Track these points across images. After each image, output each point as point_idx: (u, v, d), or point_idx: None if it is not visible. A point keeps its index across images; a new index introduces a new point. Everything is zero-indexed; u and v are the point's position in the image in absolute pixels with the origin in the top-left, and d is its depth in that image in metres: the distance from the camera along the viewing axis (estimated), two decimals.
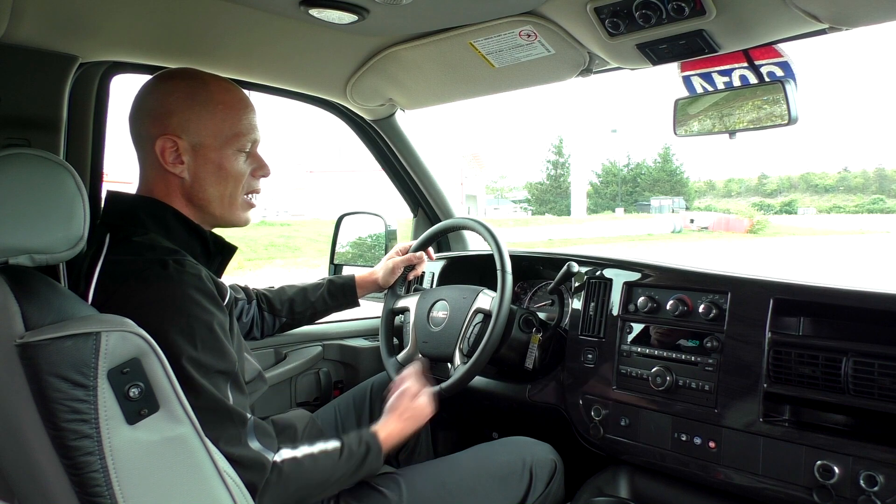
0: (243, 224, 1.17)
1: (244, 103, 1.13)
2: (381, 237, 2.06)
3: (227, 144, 1.09)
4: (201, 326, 0.94)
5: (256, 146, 1.15)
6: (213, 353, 0.95)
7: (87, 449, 0.73)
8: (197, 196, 1.09)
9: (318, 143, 31.19)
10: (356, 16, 1.15)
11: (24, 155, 0.80)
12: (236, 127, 1.09)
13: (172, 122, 1.06)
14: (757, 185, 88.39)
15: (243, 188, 1.13)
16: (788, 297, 1.22)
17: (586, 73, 1.42)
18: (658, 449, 1.33)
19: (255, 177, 1.15)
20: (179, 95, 1.08)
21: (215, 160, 1.08)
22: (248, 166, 1.13)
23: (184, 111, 1.07)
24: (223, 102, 1.09)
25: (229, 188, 1.11)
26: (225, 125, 1.08)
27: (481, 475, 1.26)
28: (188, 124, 1.06)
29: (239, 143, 1.10)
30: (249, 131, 1.11)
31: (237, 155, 1.10)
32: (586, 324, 1.50)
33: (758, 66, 1.28)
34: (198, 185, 1.09)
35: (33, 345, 0.71)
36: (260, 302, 1.57)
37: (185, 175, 1.08)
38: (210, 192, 1.09)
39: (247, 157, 1.12)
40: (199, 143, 1.07)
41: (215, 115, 1.08)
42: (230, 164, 1.09)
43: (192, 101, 1.07)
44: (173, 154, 1.06)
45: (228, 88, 1.12)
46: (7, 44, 1.20)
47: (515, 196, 69.15)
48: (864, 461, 1.06)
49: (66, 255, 0.82)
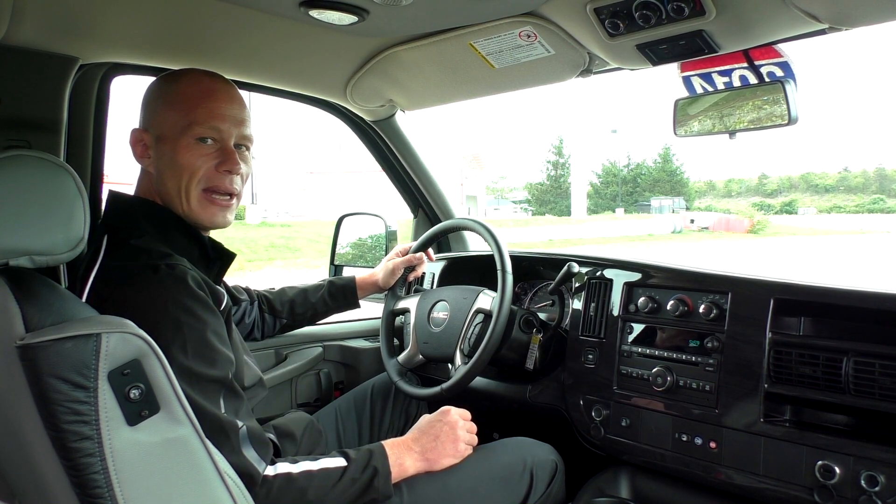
0: (210, 224, 1.10)
1: (209, 92, 1.08)
2: (381, 238, 2.06)
3: (182, 133, 1.05)
4: (192, 333, 0.93)
5: (228, 138, 1.08)
6: (204, 361, 0.94)
7: (87, 450, 0.72)
8: (160, 191, 1.08)
9: (319, 144, 31.20)
10: (356, 17, 1.15)
11: (25, 156, 0.80)
12: (192, 115, 1.05)
13: (144, 116, 1.09)
14: (757, 186, 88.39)
15: (200, 182, 1.07)
16: (789, 297, 1.22)
17: (586, 74, 1.42)
18: (659, 449, 1.33)
19: (219, 171, 1.08)
20: (153, 90, 1.10)
21: (170, 151, 1.06)
22: (211, 160, 1.07)
23: (152, 104, 1.09)
24: (186, 93, 1.07)
25: (184, 181, 1.06)
26: (181, 114, 1.06)
27: (482, 476, 1.26)
28: (154, 117, 1.08)
29: (193, 131, 1.05)
30: (208, 119, 1.06)
31: (194, 145, 1.05)
32: (587, 324, 1.50)
33: (758, 67, 1.28)
34: (160, 180, 1.08)
35: (34, 346, 0.71)
36: (260, 303, 1.58)
37: (151, 169, 1.08)
38: (169, 185, 1.07)
39: (213, 150, 1.07)
40: (160, 134, 1.07)
41: (174, 105, 1.07)
42: (183, 154, 1.05)
43: (159, 94, 1.09)
44: (141, 147, 1.08)
45: (198, 79, 1.09)
46: (7, 45, 1.20)
47: (516, 196, 69.17)
48: (864, 461, 1.05)
49: (67, 256, 0.82)
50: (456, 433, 1.20)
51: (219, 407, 0.95)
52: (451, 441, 1.19)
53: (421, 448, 1.17)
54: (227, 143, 1.09)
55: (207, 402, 0.93)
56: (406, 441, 1.17)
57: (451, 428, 1.20)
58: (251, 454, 0.96)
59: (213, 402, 0.94)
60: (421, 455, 1.16)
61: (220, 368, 0.96)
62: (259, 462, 0.96)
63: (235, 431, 0.95)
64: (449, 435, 1.19)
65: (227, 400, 0.97)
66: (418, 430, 1.20)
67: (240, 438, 0.95)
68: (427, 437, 1.19)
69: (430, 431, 1.19)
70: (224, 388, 0.97)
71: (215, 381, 0.95)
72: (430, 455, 1.17)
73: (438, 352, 1.55)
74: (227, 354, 0.99)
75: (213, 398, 0.94)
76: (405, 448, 1.15)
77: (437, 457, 1.17)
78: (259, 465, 0.96)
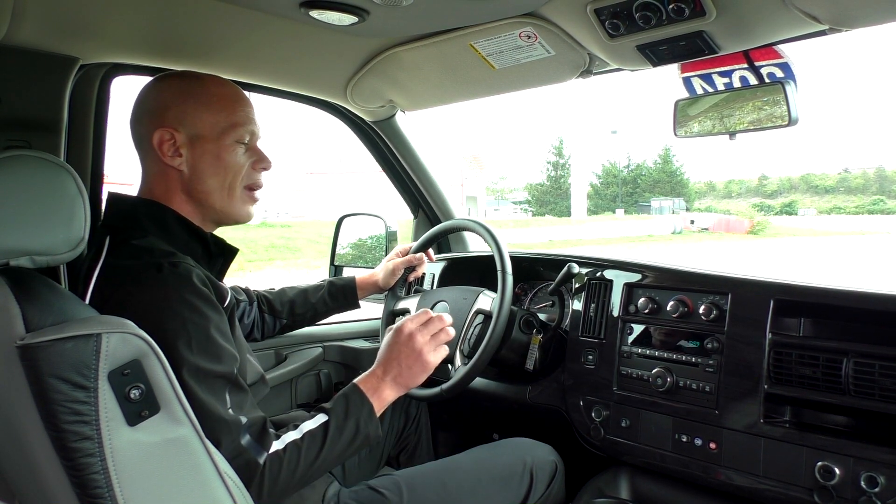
0: (245, 218, 1.16)
1: (239, 96, 1.14)
2: (381, 238, 2.06)
3: (225, 135, 1.10)
4: (196, 330, 0.94)
5: (255, 140, 1.16)
6: (210, 357, 0.94)
7: (87, 450, 0.72)
8: (196, 189, 1.10)
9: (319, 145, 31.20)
10: (356, 17, 1.15)
11: (25, 157, 0.80)
12: (233, 118, 1.10)
13: (169, 116, 1.08)
14: (757, 186, 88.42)
15: (242, 180, 1.13)
16: (789, 298, 1.22)
17: (586, 75, 1.42)
18: (659, 450, 1.33)
19: (255, 169, 1.16)
20: (175, 90, 1.10)
21: (213, 151, 1.09)
22: (247, 159, 1.14)
23: (179, 104, 1.08)
24: (218, 95, 1.11)
25: (228, 179, 1.11)
26: (221, 116, 1.10)
27: (482, 476, 1.26)
28: (185, 117, 1.08)
29: (236, 133, 1.11)
30: (246, 122, 1.12)
31: (235, 146, 1.11)
32: (587, 325, 1.50)
33: (758, 67, 1.28)
34: (196, 178, 1.09)
35: (34, 346, 0.71)
36: (260, 303, 1.57)
37: (183, 168, 1.09)
38: (209, 183, 1.10)
39: (245, 150, 1.13)
40: (197, 134, 1.08)
41: (211, 106, 1.09)
42: (228, 154, 1.10)
43: (188, 95, 1.09)
44: (171, 147, 1.08)
45: (223, 83, 1.14)
46: (8, 45, 1.20)
47: (516, 197, 69.23)
48: (864, 462, 1.05)
49: (67, 256, 0.82)
50: (416, 348, 1.13)
51: (224, 402, 0.95)
52: (415, 359, 1.13)
53: (392, 376, 1.12)
54: (256, 144, 1.16)
55: (213, 398, 0.93)
56: (376, 373, 1.13)
57: (410, 346, 1.13)
58: (252, 446, 0.95)
59: (219, 398, 0.95)
60: (393, 382, 1.12)
61: (226, 364, 0.97)
62: (259, 453, 0.95)
63: (238, 427, 0.95)
64: (410, 354, 1.13)
65: (232, 395, 0.97)
66: (383, 361, 1.14)
67: (241, 434, 0.95)
68: (391, 364, 1.13)
69: (392, 358, 1.13)
70: (229, 383, 0.97)
71: (221, 377, 0.96)
72: (402, 380, 1.13)
73: None
74: (231, 350, 0.99)
75: (218, 394, 0.95)
76: (377, 380, 1.12)
77: (409, 380, 1.13)
78: (259, 457, 0.95)
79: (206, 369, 0.93)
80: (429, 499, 1.20)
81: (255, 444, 0.96)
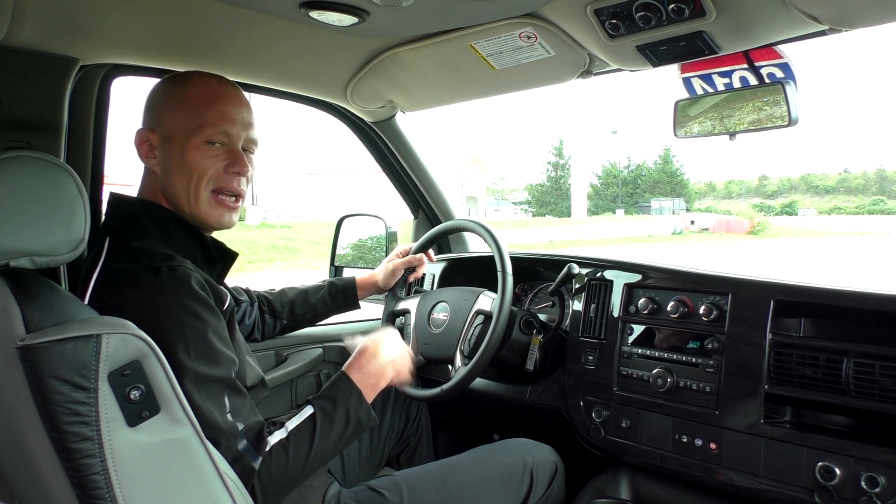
0: (216, 225, 1.12)
1: (219, 96, 1.10)
2: (381, 239, 2.06)
3: (192, 135, 1.07)
4: (194, 334, 0.94)
5: (236, 141, 1.11)
6: (207, 361, 0.94)
7: (87, 451, 0.73)
8: (167, 191, 1.09)
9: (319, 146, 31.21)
10: (356, 18, 1.15)
11: (25, 157, 0.80)
12: (202, 117, 1.07)
13: (149, 117, 1.10)
14: (757, 187, 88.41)
15: (209, 182, 1.08)
16: (789, 299, 1.22)
17: (586, 75, 1.43)
18: (659, 450, 1.33)
19: (227, 173, 1.10)
20: (158, 91, 1.11)
21: (179, 152, 1.07)
22: (220, 161, 1.09)
23: (159, 105, 1.10)
24: (194, 95, 1.09)
25: (193, 182, 1.07)
26: (191, 116, 1.07)
27: (482, 477, 1.26)
28: (161, 118, 1.09)
29: (204, 133, 1.07)
30: (219, 122, 1.08)
31: (203, 147, 1.07)
32: (587, 325, 1.50)
33: (758, 68, 1.28)
34: (167, 180, 1.09)
35: (34, 347, 0.71)
36: (261, 304, 1.57)
37: (157, 169, 1.09)
38: (177, 186, 1.08)
39: (222, 152, 1.09)
40: (168, 135, 1.08)
41: (185, 106, 1.08)
42: (192, 155, 1.07)
43: (165, 96, 1.10)
44: (148, 148, 1.09)
45: (206, 82, 1.11)
46: (8, 46, 1.20)
47: (516, 198, 69.22)
48: (865, 462, 1.05)
49: (67, 257, 0.82)
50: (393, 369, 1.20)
51: (222, 407, 0.95)
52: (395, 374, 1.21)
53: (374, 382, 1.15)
54: (235, 146, 1.11)
55: (210, 403, 0.93)
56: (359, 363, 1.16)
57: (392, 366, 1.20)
58: (248, 451, 0.95)
59: (217, 402, 0.94)
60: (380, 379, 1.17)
61: (223, 368, 0.96)
62: (255, 458, 0.96)
63: (235, 433, 0.95)
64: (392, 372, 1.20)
65: (230, 399, 0.97)
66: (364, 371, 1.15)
67: (238, 439, 0.95)
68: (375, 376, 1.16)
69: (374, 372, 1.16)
70: (227, 387, 0.97)
71: (219, 381, 0.95)
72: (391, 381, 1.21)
73: (438, 353, 1.55)
74: (230, 354, 0.99)
75: (216, 398, 0.95)
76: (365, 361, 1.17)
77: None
78: (255, 462, 0.95)
79: (203, 374, 0.93)
80: (429, 499, 1.20)
81: (251, 449, 0.96)
